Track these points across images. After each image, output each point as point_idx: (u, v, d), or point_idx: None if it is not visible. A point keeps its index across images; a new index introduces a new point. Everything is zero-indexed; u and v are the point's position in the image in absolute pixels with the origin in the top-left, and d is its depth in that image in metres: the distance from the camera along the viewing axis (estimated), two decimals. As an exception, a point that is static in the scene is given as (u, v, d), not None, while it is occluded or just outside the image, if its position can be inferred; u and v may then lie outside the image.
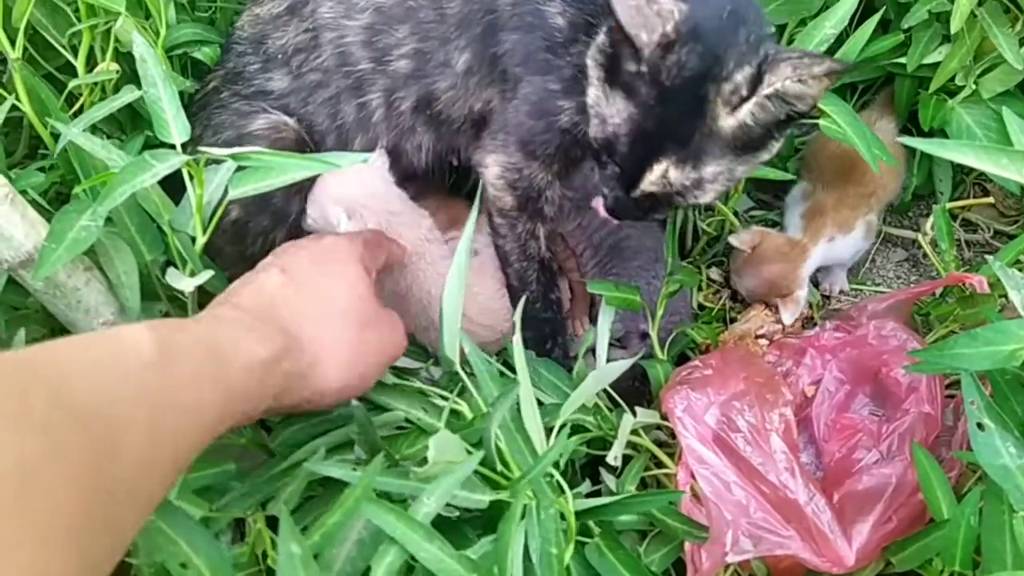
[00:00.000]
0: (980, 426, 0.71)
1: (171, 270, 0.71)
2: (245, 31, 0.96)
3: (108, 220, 0.75)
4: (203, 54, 0.98)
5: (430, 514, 0.59)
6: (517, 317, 0.80)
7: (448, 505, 0.66)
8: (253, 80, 0.94)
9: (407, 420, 0.79)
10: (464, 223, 1.02)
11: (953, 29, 1.05)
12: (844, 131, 0.93)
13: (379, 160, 0.89)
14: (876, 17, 1.02)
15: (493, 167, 0.90)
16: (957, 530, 0.70)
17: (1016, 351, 0.68)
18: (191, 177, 0.74)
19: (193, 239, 0.77)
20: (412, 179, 0.97)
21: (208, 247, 0.83)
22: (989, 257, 1.06)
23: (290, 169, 0.73)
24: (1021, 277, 0.76)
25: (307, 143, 0.93)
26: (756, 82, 0.71)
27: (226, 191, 0.74)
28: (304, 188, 0.90)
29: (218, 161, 0.74)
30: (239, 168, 0.74)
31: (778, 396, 0.82)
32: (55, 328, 0.78)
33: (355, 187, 0.89)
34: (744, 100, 0.72)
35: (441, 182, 1.03)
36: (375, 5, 0.89)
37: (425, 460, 0.67)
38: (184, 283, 0.67)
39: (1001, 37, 1.06)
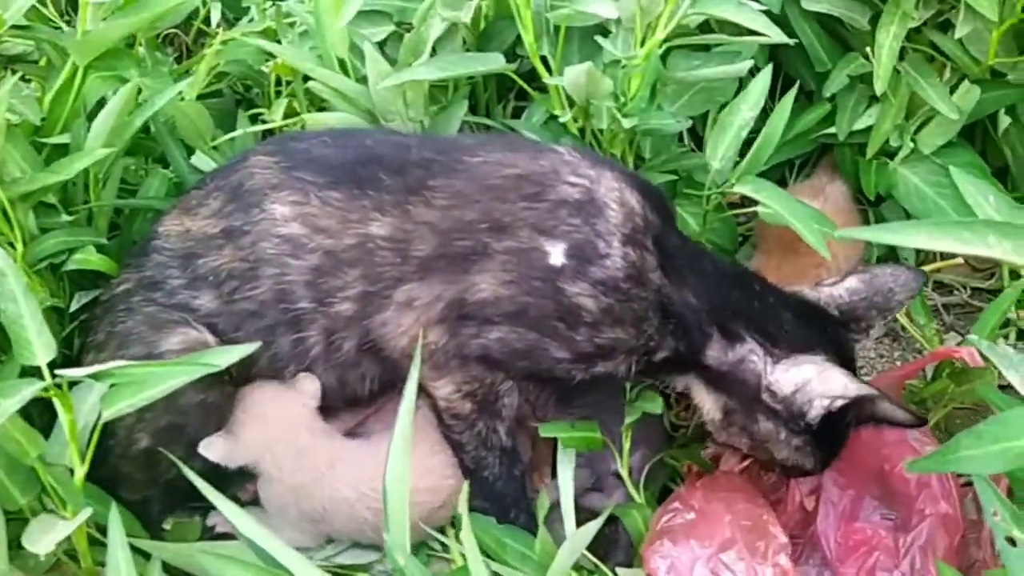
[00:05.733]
0: (1011, 540, 0.61)
1: (28, 530, 0.60)
2: (171, 242, 0.87)
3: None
4: (76, 262, 0.89)
5: None
6: (463, 503, 0.70)
7: None
8: (176, 294, 0.86)
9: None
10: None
11: (878, 91, 1.00)
12: (782, 215, 0.88)
13: (311, 395, 0.86)
14: (793, 91, 0.97)
15: (446, 387, 0.84)
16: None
17: (1030, 445, 0.59)
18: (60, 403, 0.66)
19: (72, 471, 0.69)
20: (358, 404, 0.92)
21: (112, 475, 0.80)
22: (970, 318, 0.99)
23: (167, 378, 0.67)
24: (1014, 352, 0.67)
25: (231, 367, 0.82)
26: None
27: (100, 413, 0.68)
28: (221, 409, 0.84)
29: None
30: (112, 384, 0.66)
31: (769, 542, 0.73)
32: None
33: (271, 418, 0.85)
34: None
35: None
36: (325, 248, 0.83)
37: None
38: (42, 546, 0.56)
39: (930, 89, 1.01)
